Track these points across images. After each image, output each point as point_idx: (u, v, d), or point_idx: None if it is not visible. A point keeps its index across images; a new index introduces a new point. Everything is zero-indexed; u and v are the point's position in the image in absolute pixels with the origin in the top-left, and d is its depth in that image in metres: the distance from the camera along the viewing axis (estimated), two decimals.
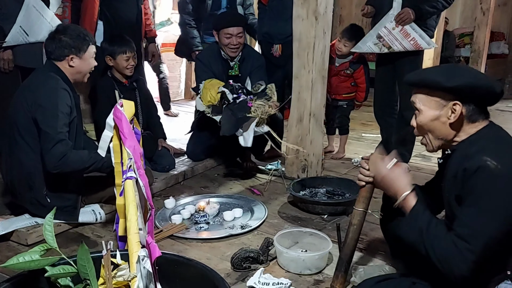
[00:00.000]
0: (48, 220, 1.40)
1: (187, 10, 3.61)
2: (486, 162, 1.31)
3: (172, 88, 6.27)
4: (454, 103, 1.40)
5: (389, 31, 3.12)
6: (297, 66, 3.08)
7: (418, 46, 3.11)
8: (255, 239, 2.32)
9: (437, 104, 1.44)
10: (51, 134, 2.14)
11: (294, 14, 3.03)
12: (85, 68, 2.35)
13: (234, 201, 2.78)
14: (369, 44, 3.23)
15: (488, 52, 6.22)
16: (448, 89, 1.40)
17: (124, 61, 3.01)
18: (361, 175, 1.67)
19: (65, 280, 1.38)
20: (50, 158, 2.14)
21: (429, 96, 1.45)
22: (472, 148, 1.38)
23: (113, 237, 2.25)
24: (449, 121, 1.43)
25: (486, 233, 1.30)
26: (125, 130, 1.70)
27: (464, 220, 1.35)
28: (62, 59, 2.28)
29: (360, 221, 1.72)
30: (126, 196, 1.59)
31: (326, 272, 2.02)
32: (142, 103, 3.22)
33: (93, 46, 2.36)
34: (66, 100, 2.23)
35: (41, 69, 2.36)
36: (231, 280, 1.93)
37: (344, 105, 3.67)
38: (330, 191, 2.87)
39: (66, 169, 2.18)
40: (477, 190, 1.32)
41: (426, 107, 1.46)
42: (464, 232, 1.33)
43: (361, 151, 3.89)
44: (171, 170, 3.21)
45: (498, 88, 1.40)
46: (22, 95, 2.25)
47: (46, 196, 2.28)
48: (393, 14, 3.09)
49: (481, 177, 1.31)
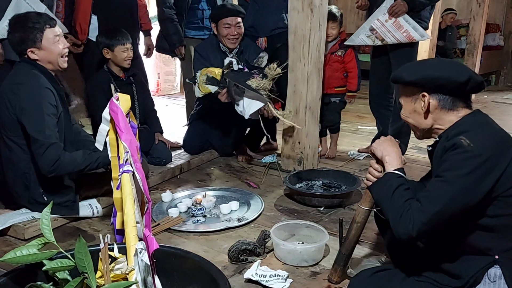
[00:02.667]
0: (45, 214, 1.40)
1: (168, 4, 3.51)
2: (460, 140, 1.38)
3: (167, 82, 6.27)
4: (422, 95, 1.50)
5: (382, 23, 3.12)
6: (292, 58, 3.08)
7: (411, 38, 3.11)
8: (252, 232, 2.33)
9: (410, 98, 1.54)
10: (40, 139, 2.08)
11: (289, 6, 3.02)
12: (51, 56, 2.19)
13: (230, 194, 2.79)
14: (361, 37, 3.23)
15: (483, 44, 6.23)
16: (410, 83, 1.51)
17: (122, 53, 2.99)
18: (370, 176, 1.67)
19: (63, 273, 1.39)
20: (43, 163, 2.09)
21: (404, 91, 1.57)
22: (454, 131, 1.46)
23: (110, 231, 2.25)
24: (423, 111, 1.51)
25: (442, 200, 1.35)
26: (121, 123, 1.70)
27: (427, 187, 1.43)
28: (25, 54, 2.17)
29: (364, 219, 1.74)
30: (123, 190, 1.59)
31: (323, 264, 2.03)
32: (139, 97, 3.21)
33: (50, 30, 2.17)
34: (50, 100, 2.15)
35: (18, 64, 2.24)
36: (228, 273, 1.94)
37: (336, 101, 3.51)
38: (327, 184, 2.88)
39: (61, 173, 2.16)
40: (446, 163, 1.39)
41: (404, 102, 1.58)
42: (421, 195, 1.40)
43: (357, 144, 3.90)
44: (168, 163, 3.21)
45: (462, 77, 1.44)
46: (5, 95, 2.16)
47: (42, 194, 2.27)
48: (386, 6, 3.09)
49: (453, 152, 1.39)
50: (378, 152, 1.64)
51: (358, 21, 7.19)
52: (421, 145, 3.97)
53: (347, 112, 4.95)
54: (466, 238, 1.44)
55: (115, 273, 1.38)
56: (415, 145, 3.86)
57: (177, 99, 5.88)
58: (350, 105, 3.74)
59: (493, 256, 1.43)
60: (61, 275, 1.38)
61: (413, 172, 3.17)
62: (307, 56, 3.01)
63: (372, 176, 1.65)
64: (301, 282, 1.90)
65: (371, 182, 1.66)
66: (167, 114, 4.82)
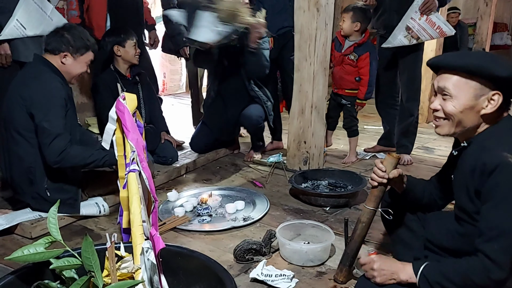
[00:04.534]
0: (52, 213, 1.41)
1: (172, 5, 3.51)
2: (507, 159, 1.26)
3: (173, 81, 6.28)
4: (494, 93, 1.33)
5: (417, 22, 3.08)
6: (298, 58, 3.08)
7: (444, 33, 3.10)
8: (257, 231, 2.33)
9: (475, 92, 1.35)
10: (48, 128, 2.13)
11: (295, 5, 3.02)
12: (75, 70, 2.33)
13: (236, 193, 2.79)
14: (399, 38, 3.13)
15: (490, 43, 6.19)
16: (498, 78, 1.32)
17: (133, 48, 3.03)
18: (375, 176, 1.64)
19: (69, 272, 1.39)
20: (49, 153, 2.14)
21: (468, 83, 1.35)
22: (490, 141, 1.34)
23: (116, 230, 2.26)
24: (483, 110, 1.36)
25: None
26: (127, 123, 1.71)
27: (493, 222, 1.30)
28: (57, 53, 2.27)
29: (369, 219, 1.73)
30: (129, 189, 1.60)
31: (328, 264, 2.03)
32: (145, 97, 3.22)
33: (91, 54, 2.35)
34: (61, 93, 2.22)
35: (31, 62, 2.34)
36: (234, 272, 1.94)
37: (348, 104, 3.39)
38: (332, 184, 2.87)
39: (66, 165, 2.19)
40: (500, 189, 1.28)
41: (462, 94, 1.36)
42: (492, 234, 1.29)
43: (363, 143, 3.89)
44: (174, 162, 3.22)
45: None
46: (16, 91, 2.23)
47: (46, 189, 2.28)
48: (418, 4, 3.04)
49: (502, 175, 1.28)
50: (385, 278, 1.47)
51: None
52: (428, 145, 3.96)
53: None
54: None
55: (121, 272, 1.38)
56: (421, 145, 3.84)
57: (183, 99, 5.89)
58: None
59: None
60: (68, 274, 1.39)
61: (420, 172, 3.16)
62: (313, 55, 3.00)
63: (377, 176, 1.64)
64: (306, 282, 1.89)
65: (375, 182, 1.64)
66: (173, 114, 4.83)
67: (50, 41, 2.28)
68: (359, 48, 3.25)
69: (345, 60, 3.31)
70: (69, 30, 2.30)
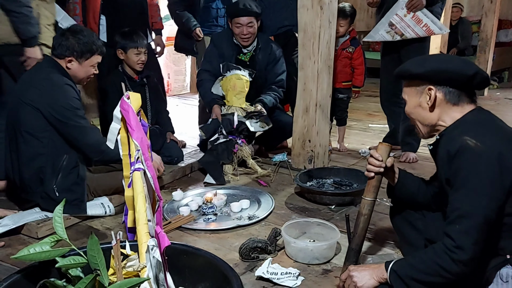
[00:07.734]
0: (58, 212, 1.41)
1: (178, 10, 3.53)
2: (466, 141, 1.35)
3: (178, 82, 6.29)
4: (428, 88, 1.48)
5: (401, 18, 3.08)
6: (302, 56, 3.07)
7: (431, 31, 3.07)
8: (262, 230, 2.33)
9: (415, 92, 1.52)
10: (83, 125, 2.24)
11: (299, 4, 3.02)
12: (81, 74, 2.36)
13: (241, 192, 2.79)
14: (381, 33, 3.17)
15: (496, 40, 6.15)
16: (417, 75, 1.49)
17: (135, 56, 3.02)
18: (371, 166, 1.65)
19: (75, 270, 1.40)
20: (90, 147, 2.27)
21: (409, 86, 1.55)
22: (456, 131, 1.43)
23: (122, 229, 2.25)
24: (428, 106, 1.50)
25: (479, 212, 1.31)
26: (132, 122, 1.71)
27: (455, 205, 1.37)
28: (62, 57, 2.30)
29: (370, 211, 1.72)
30: (134, 188, 1.60)
31: (334, 262, 2.02)
32: (151, 98, 3.23)
33: (97, 57, 2.36)
34: (74, 94, 2.28)
35: (40, 64, 2.36)
36: (240, 270, 1.94)
37: (344, 98, 3.61)
38: (337, 182, 2.87)
39: (106, 157, 2.29)
40: (461, 172, 1.35)
41: (408, 96, 1.55)
42: (455, 214, 1.35)
43: (368, 142, 3.88)
44: (179, 162, 3.22)
45: (470, 71, 1.42)
46: (25, 93, 2.25)
47: (55, 189, 2.29)
48: (404, 1, 3.05)
49: (463, 158, 1.35)
50: (365, 279, 1.53)
51: (368, 19, 7.13)
52: None
53: (357, 110, 4.92)
54: None
55: (127, 270, 1.39)
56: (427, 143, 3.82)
57: (187, 99, 5.89)
58: (361, 102, 3.74)
59: (505, 255, 1.40)
60: (74, 272, 1.39)
61: (425, 169, 3.14)
62: (317, 53, 3.00)
63: (374, 166, 1.64)
64: (312, 280, 1.89)
65: (372, 172, 1.66)
66: (178, 114, 4.84)
67: (56, 44, 2.30)
68: (353, 42, 3.52)
69: (343, 54, 3.50)
70: (75, 34, 2.30)
